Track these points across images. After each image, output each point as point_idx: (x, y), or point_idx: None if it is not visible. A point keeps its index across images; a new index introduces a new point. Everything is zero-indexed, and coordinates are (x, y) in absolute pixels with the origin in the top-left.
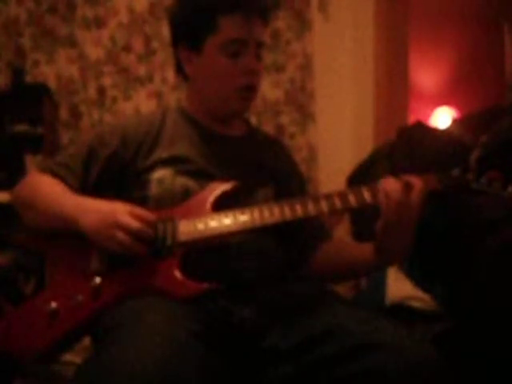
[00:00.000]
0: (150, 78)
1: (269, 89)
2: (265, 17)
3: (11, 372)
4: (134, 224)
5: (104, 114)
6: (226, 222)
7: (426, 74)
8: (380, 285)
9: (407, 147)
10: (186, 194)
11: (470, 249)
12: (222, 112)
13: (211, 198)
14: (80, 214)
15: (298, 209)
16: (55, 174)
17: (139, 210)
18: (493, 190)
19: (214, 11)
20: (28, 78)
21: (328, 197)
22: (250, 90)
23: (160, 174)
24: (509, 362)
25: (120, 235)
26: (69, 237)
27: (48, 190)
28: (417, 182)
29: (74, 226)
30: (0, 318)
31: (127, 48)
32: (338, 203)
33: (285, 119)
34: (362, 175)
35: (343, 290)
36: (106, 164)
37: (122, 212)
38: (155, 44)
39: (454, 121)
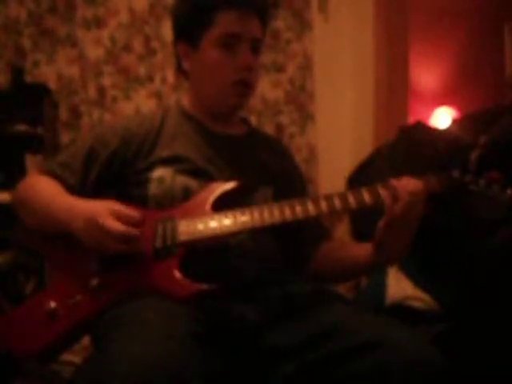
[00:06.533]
0: (150, 78)
1: (269, 89)
2: (261, 13)
3: (11, 372)
4: (117, 228)
5: (104, 114)
6: (226, 222)
7: (426, 74)
8: (380, 285)
9: (407, 147)
10: (186, 194)
11: (470, 249)
12: (218, 107)
13: (211, 198)
14: (71, 219)
15: (298, 210)
16: (55, 175)
17: (122, 210)
18: (492, 192)
19: (210, 6)
20: (28, 78)
21: (328, 198)
22: (246, 85)
23: (160, 173)
24: (509, 362)
25: (106, 241)
26: (68, 237)
27: (43, 192)
28: (418, 184)
29: (67, 231)
30: (0, 318)
31: (127, 48)
32: (338, 204)
33: (285, 119)
34: (362, 175)
35: (343, 290)
36: (107, 163)
37: (103, 215)
38: (155, 44)
39: (454, 121)
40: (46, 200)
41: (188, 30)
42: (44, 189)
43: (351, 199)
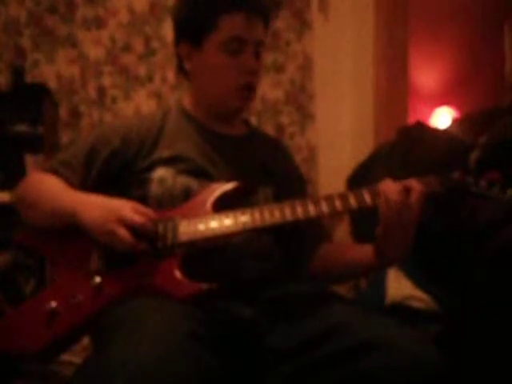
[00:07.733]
0: (150, 78)
1: (269, 89)
2: (265, 16)
3: (11, 372)
4: (138, 218)
5: (104, 114)
6: (227, 222)
7: (426, 74)
8: (380, 285)
9: (407, 147)
10: (187, 194)
11: (470, 250)
12: (220, 110)
13: (212, 199)
14: (81, 209)
15: (299, 210)
16: (57, 172)
17: (143, 208)
18: (492, 193)
19: (214, 9)
20: (28, 78)
21: (328, 198)
22: (249, 89)
23: (161, 173)
24: (508, 362)
25: (121, 231)
26: (69, 236)
27: (48, 186)
28: (416, 184)
29: (73, 221)
30: (0, 318)
31: (127, 48)
32: (338, 205)
33: (285, 119)
34: (362, 176)
35: (343, 290)
36: (107, 162)
37: (126, 208)
38: (155, 44)
39: (454, 121)
40: (52, 193)
41: (191, 31)
42: (49, 183)
43: (352, 200)
